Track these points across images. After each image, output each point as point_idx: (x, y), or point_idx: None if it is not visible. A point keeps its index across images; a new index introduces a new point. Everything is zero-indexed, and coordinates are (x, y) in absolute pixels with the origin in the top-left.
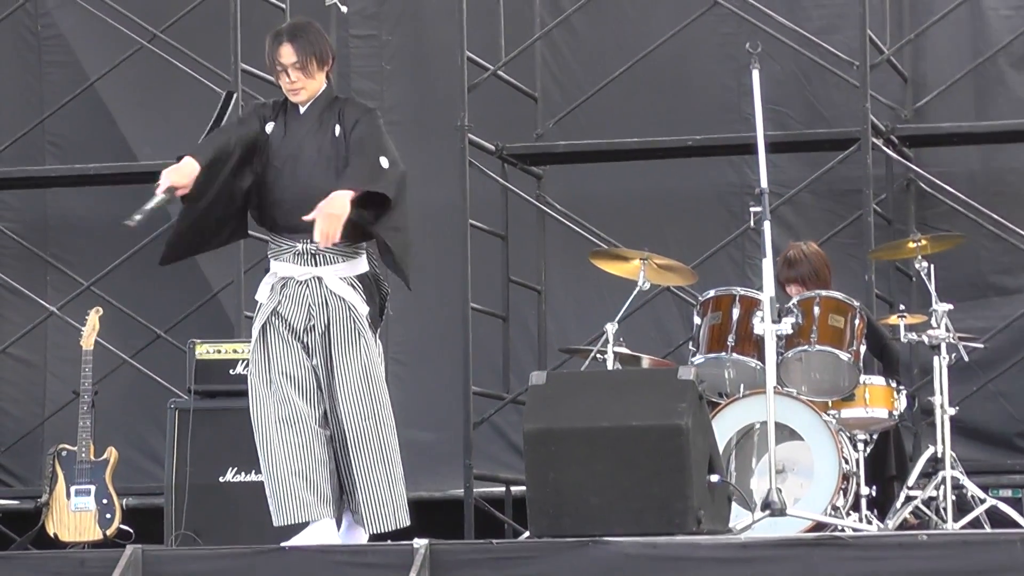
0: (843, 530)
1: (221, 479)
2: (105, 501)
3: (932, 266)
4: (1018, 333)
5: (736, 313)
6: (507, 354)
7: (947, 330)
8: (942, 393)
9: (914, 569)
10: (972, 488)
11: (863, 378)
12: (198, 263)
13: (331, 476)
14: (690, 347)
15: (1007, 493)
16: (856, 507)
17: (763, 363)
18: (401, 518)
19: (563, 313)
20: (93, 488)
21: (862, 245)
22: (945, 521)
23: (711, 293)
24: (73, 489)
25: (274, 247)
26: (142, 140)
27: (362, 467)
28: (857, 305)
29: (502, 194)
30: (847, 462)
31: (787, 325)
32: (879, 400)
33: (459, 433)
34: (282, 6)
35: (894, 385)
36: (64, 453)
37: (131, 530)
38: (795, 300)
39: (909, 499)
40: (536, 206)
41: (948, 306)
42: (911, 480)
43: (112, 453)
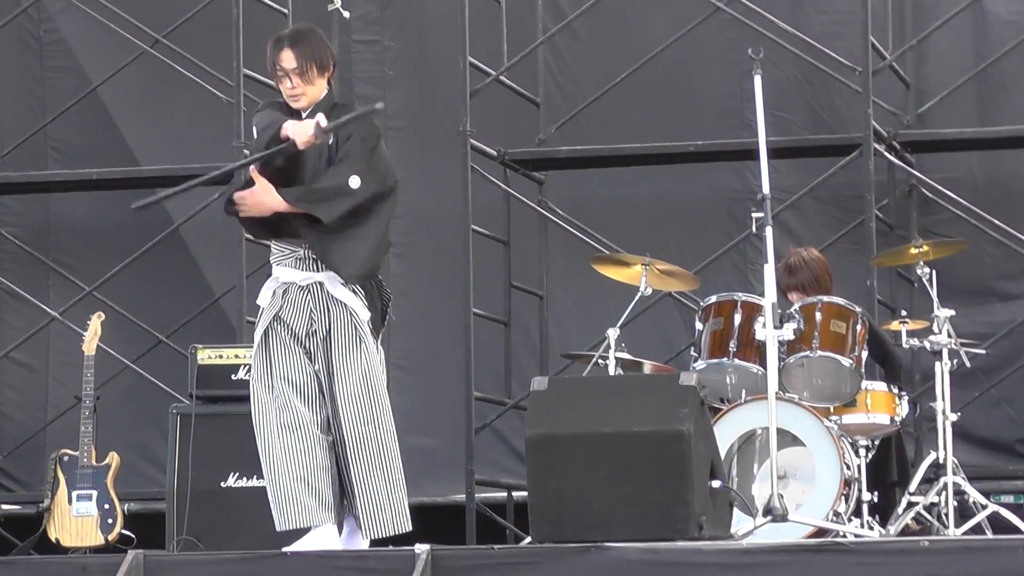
0: (845, 536)
1: (223, 484)
2: (107, 506)
3: (934, 272)
4: (1020, 339)
5: (738, 319)
6: (509, 359)
7: (949, 336)
8: (943, 399)
9: (915, 575)
10: (974, 494)
11: (865, 384)
12: (200, 268)
13: (333, 482)
14: (692, 353)
15: (1009, 499)
16: (858, 513)
17: (765, 369)
18: (400, 524)
19: (565, 318)
20: (95, 493)
21: (864, 251)
22: (947, 527)
23: (713, 299)
24: (75, 494)
25: (276, 252)
26: (144, 145)
27: (361, 473)
28: (859, 311)
29: (504, 199)
30: (849, 468)
31: (789, 331)
32: (881, 406)
33: (461, 438)
34: (284, 11)
35: (896, 391)
36: (66, 458)
37: (133, 535)
38: (797, 306)
39: (911, 505)
40: (538, 211)
41: (950, 312)
42: (913, 486)
43: (114, 458)
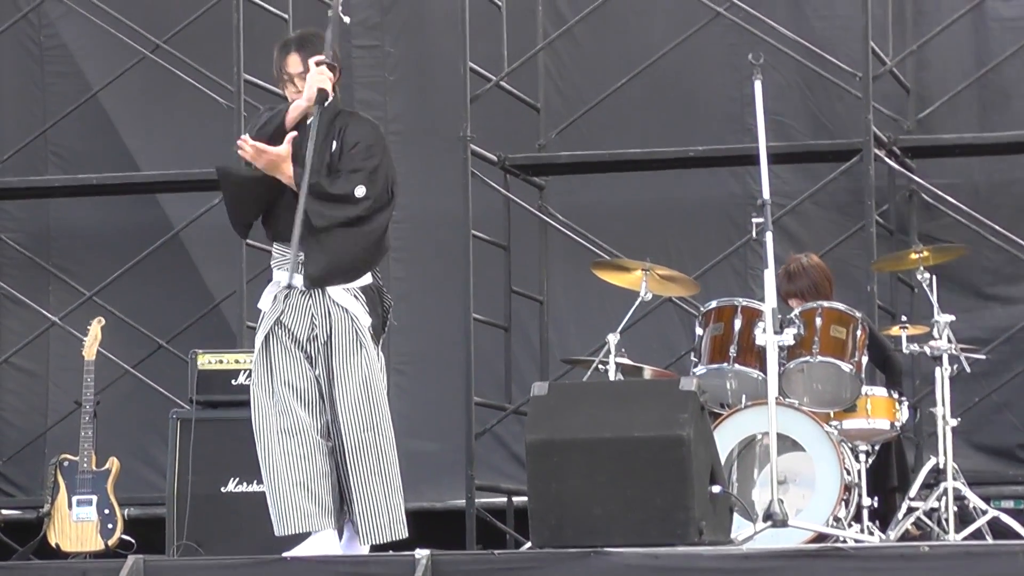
0: (845, 541)
1: (223, 489)
2: (107, 511)
3: (934, 277)
4: (1020, 344)
5: (738, 324)
6: (509, 364)
7: (949, 341)
8: (944, 404)
9: None
10: (974, 499)
11: (865, 389)
12: (200, 273)
13: (333, 487)
14: (692, 358)
15: (1009, 504)
16: (858, 518)
17: (765, 374)
18: (397, 530)
19: (565, 323)
20: (95, 498)
21: (864, 256)
22: (947, 532)
23: (713, 304)
24: (75, 499)
25: (278, 256)
26: (145, 150)
27: (359, 478)
28: (859, 316)
29: (504, 204)
30: (849, 473)
31: (789, 336)
32: (881, 411)
33: (461, 443)
34: (285, 16)
35: (896, 396)
36: (66, 463)
37: (133, 540)
38: (797, 311)
39: (911, 510)
40: (538, 216)
41: (950, 317)
42: (913, 491)
43: (114, 463)
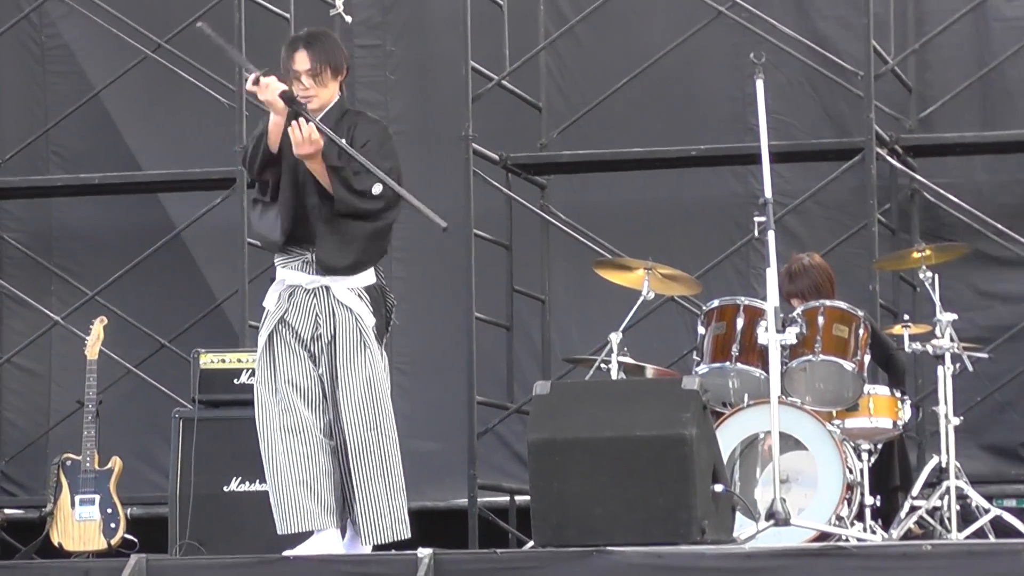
0: (847, 540)
1: (225, 489)
2: (109, 510)
3: (936, 276)
4: (1023, 343)
5: (740, 323)
6: (511, 364)
7: (951, 339)
8: (946, 403)
9: None
10: (976, 498)
11: (867, 388)
12: (202, 273)
13: (336, 486)
14: (694, 357)
15: (1012, 503)
16: (860, 517)
17: (767, 373)
18: (399, 530)
19: (567, 323)
20: (97, 497)
21: (866, 255)
22: (949, 531)
23: (715, 303)
24: (77, 498)
25: (282, 255)
26: (146, 150)
27: (362, 478)
28: (861, 315)
29: (506, 204)
30: (851, 472)
31: (791, 335)
32: (883, 410)
33: (463, 443)
34: (286, 16)
35: (898, 395)
36: (68, 463)
37: (135, 539)
38: (799, 310)
39: (913, 509)
40: (540, 216)
41: (952, 315)
42: (915, 490)
43: (116, 463)
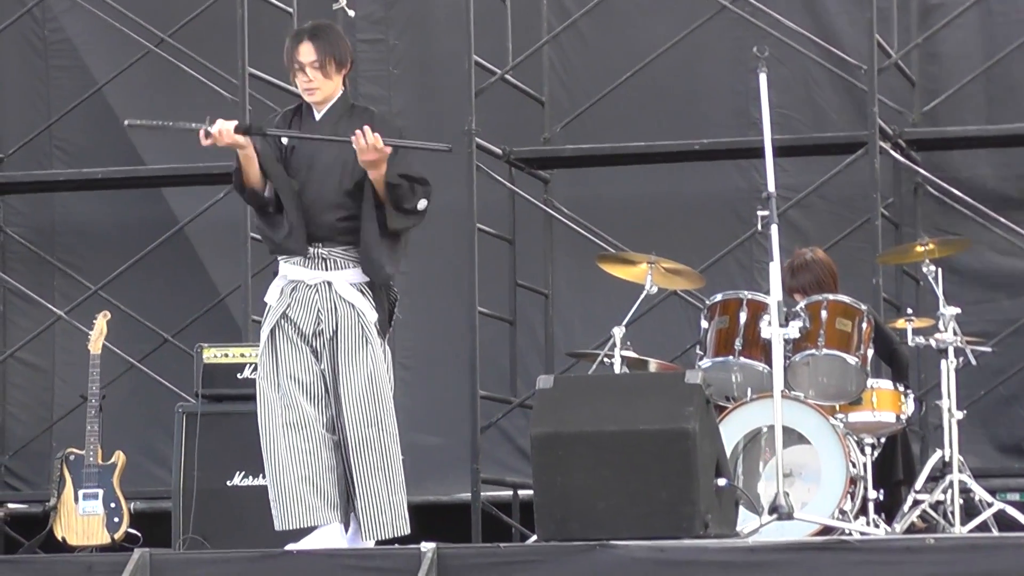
0: (850, 534)
1: (228, 483)
2: (113, 505)
3: (940, 270)
4: None
5: (743, 317)
6: (514, 358)
7: (955, 333)
8: (950, 397)
9: (922, 573)
10: (980, 492)
11: (870, 382)
12: (205, 267)
13: (339, 481)
14: (697, 351)
15: (1015, 497)
16: (863, 511)
17: (770, 367)
18: (399, 526)
19: (570, 317)
20: (101, 492)
21: (870, 249)
22: (952, 525)
23: (718, 297)
24: (81, 493)
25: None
26: (149, 144)
27: (362, 474)
28: (865, 309)
29: (509, 198)
30: (854, 466)
31: (794, 329)
32: (886, 404)
33: (466, 437)
34: (289, 10)
35: (901, 389)
36: (72, 457)
37: (139, 534)
38: (802, 304)
39: (916, 503)
40: (543, 210)
41: (956, 310)
42: (918, 484)
43: (120, 457)
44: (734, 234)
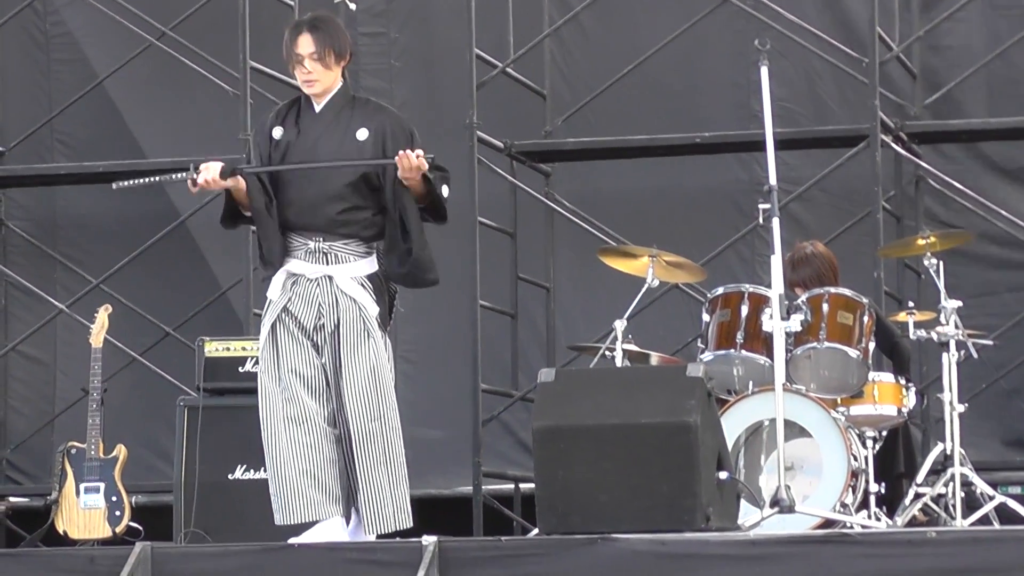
0: (852, 527)
1: (230, 477)
2: (114, 498)
3: (941, 263)
4: None
5: (745, 310)
6: (516, 351)
7: (956, 327)
8: (951, 390)
9: (923, 566)
10: (981, 485)
11: (872, 375)
12: (207, 261)
13: (341, 474)
14: (699, 344)
15: (1016, 490)
16: (865, 504)
17: (772, 360)
18: (402, 520)
19: (572, 310)
20: (102, 485)
21: (871, 242)
22: (954, 518)
23: (720, 290)
24: (82, 486)
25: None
26: (150, 138)
27: (365, 467)
28: (866, 302)
29: (511, 191)
30: (856, 459)
31: (796, 322)
32: (888, 397)
33: (468, 431)
34: (291, 3)
35: (903, 382)
36: (73, 451)
37: (140, 527)
38: (804, 297)
39: (918, 496)
40: (545, 203)
41: (957, 303)
42: (920, 477)
43: (121, 451)
44: (735, 227)
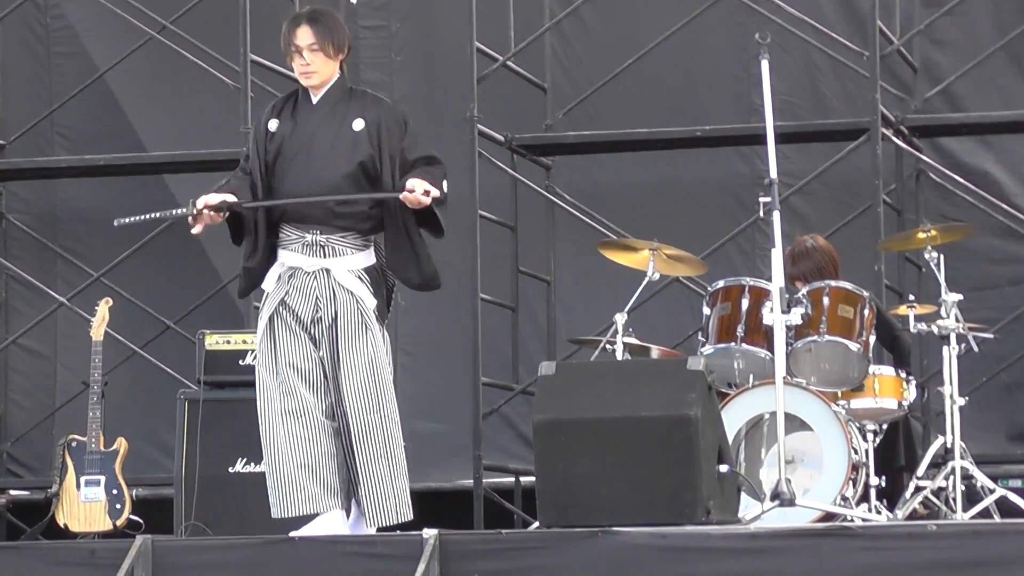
0: (852, 520)
1: (231, 470)
2: (115, 491)
3: (942, 256)
4: None
5: (745, 303)
6: (516, 345)
7: (956, 320)
8: (951, 383)
9: (923, 559)
10: (981, 478)
11: (872, 368)
12: (207, 254)
13: (340, 467)
14: (699, 337)
15: (1017, 483)
16: (865, 497)
17: (772, 353)
18: (402, 512)
19: (572, 304)
20: (103, 479)
21: (872, 235)
22: (954, 511)
23: (720, 283)
24: (83, 480)
25: (282, 236)
26: (151, 131)
27: (365, 461)
28: (867, 295)
29: (511, 185)
30: (856, 452)
31: (796, 315)
32: (888, 390)
33: (468, 424)
34: None
35: (903, 376)
36: (74, 444)
37: (141, 520)
38: (804, 290)
39: (918, 489)
40: (545, 197)
41: (958, 296)
42: (920, 470)
43: (122, 444)
44: (736, 221)
